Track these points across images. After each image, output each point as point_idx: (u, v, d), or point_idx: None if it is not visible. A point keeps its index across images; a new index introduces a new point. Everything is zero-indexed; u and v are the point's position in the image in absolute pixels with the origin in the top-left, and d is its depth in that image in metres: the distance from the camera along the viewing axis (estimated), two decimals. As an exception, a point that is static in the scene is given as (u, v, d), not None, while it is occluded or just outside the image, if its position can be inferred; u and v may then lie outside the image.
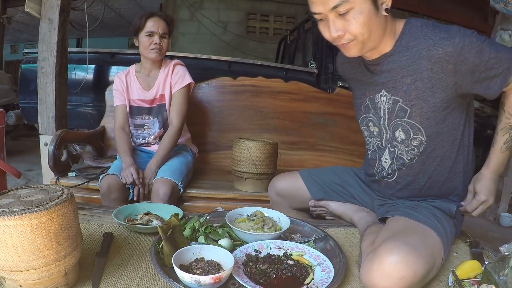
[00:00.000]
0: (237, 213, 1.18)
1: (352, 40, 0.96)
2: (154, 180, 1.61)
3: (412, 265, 0.83)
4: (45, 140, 1.99)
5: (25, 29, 8.60)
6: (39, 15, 1.95)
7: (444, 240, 0.99)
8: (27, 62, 3.04)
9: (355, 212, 1.32)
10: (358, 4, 0.90)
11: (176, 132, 1.77)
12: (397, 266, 0.83)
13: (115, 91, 1.85)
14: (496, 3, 2.32)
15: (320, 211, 1.44)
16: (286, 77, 3.15)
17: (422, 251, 0.87)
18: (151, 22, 1.73)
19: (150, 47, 1.74)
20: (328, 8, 0.92)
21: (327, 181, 1.39)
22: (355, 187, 1.36)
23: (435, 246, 0.95)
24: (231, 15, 6.60)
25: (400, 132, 1.09)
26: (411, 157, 1.10)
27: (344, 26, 0.94)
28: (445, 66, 0.96)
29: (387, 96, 1.08)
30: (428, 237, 0.95)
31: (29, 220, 0.71)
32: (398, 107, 1.06)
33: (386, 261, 0.84)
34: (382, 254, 0.85)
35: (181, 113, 1.81)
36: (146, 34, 1.73)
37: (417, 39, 0.99)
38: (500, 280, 0.87)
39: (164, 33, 1.76)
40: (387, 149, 1.15)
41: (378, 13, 0.94)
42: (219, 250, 0.92)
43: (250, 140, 1.76)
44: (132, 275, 0.91)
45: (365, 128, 1.22)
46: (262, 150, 1.73)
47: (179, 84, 1.81)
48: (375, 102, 1.13)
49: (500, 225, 2.73)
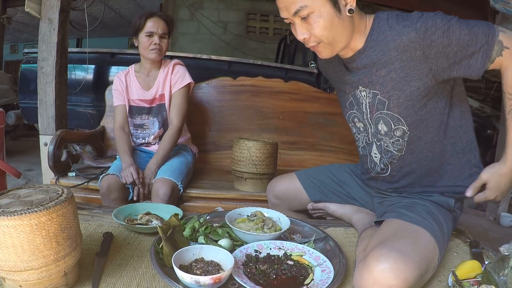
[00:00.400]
0: (237, 213, 1.18)
1: (319, 42, 1.00)
2: (154, 180, 1.61)
3: (400, 273, 0.81)
4: (45, 140, 1.99)
5: (25, 29, 8.60)
6: (39, 15, 1.95)
7: (439, 239, 0.97)
8: (27, 62, 3.04)
9: (354, 213, 1.32)
10: (318, 8, 0.94)
11: (176, 132, 1.77)
12: (385, 274, 0.81)
13: (115, 91, 1.85)
14: (496, 3, 2.32)
15: (319, 213, 1.44)
16: (286, 77, 3.15)
17: (413, 256, 0.85)
18: (150, 22, 1.72)
19: (150, 48, 1.74)
20: (291, 13, 0.96)
21: (325, 182, 1.39)
22: (353, 187, 1.35)
23: (428, 248, 0.93)
24: (231, 15, 6.60)
25: (382, 125, 1.09)
26: (399, 148, 1.10)
27: (308, 29, 0.98)
28: (413, 53, 0.96)
29: (366, 91, 1.09)
30: (421, 239, 0.93)
31: (29, 220, 0.71)
32: (377, 100, 1.07)
33: (375, 269, 0.82)
34: (370, 262, 0.84)
35: (181, 113, 1.81)
36: (146, 34, 1.72)
37: (384, 32, 0.99)
38: (500, 280, 0.87)
39: (164, 33, 1.75)
40: (374, 144, 1.16)
41: (341, 15, 0.96)
42: (219, 250, 0.92)
43: (250, 140, 1.76)
44: (131, 275, 0.91)
45: (352, 125, 1.23)
46: (262, 150, 1.73)
47: (178, 84, 1.81)
48: (357, 98, 1.13)
49: (500, 225, 2.73)
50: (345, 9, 0.96)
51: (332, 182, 1.38)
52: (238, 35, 6.59)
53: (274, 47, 5.06)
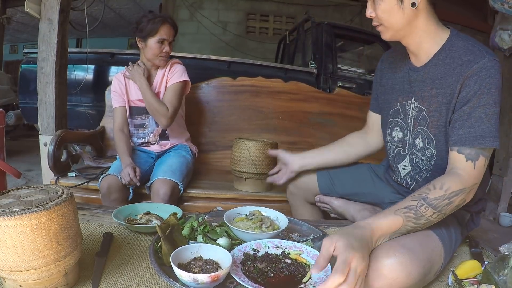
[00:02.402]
0: (235, 212, 1.19)
1: (380, 24, 1.06)
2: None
3: (405, 267, 0.84)
4: (45, 140, 1.99)
5: (24, 29, 8.60)
6: (39, 15, 1.95)
7: (446, 246, 0.98)
8: (27, 62, 3.04)
9: (358, 211, 1.33)
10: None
11: (165, 115, 1.72)
12: (392, 266, 0.83)
13: (113, 93, 1.85)
14: (495, 3, 2.32)
15: (324, 207, 1.45)
16: (286, 77, 3.15)
17: (419, 254, 0.88)
18: (164, 30, 1.73)
19: (160, 55, 1.75)
20: None
21: (339, 176, 1.40)
22: (368, 182, 1.37)
23: (435, 251, 0.94)
24: (231, 15, 6.60)
25: (419, 140, 1.11)
26: (426, 168, 1.11)
27: (374, 9, 1.05)
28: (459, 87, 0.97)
29: (415, 104, 1.11)
30: (429, 241, 0.94)
31: (29, 220, 0.71)
32: (421, 116, 1.09)
33: (382, 262, 0.84)
34: (379, 256, 0.86)
35: (172, 105, 1.75)
36: (158, 41, 1.73)
37: (452, 57, 1.00)
38: (500, 280, 0.88)
39: (172, 40, 1.78)
40: (407, 156, 1.17)
41: (403, 5, 1.00)
42: (217, 249, 0.92)
43: (250, 140, 1.77)
44: (132, 275, 0.91)
45: (388, 132, 1.23)
46: (261, 150, 1.73)
47: (173, 80, 1.81)
48: (406, 108, 1.15)
49: (500, 225, 2.73)
50: (409, 1, 1.00)
51: (349, 174, 1.40)
52: (237, 35, 6.60)
53: (273, 47, 5.06)
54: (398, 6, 1.01)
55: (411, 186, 1.17)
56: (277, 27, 6.61)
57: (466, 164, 0.93)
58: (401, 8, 1.01)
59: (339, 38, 3.68)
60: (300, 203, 1.48)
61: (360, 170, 1.42)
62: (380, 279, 0.84)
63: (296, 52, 4.13)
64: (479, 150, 0.93)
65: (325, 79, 3.41)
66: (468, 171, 0.92)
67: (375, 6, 1.04)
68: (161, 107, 1.72)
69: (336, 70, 3.49)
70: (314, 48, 3.52)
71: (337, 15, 6.46)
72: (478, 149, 0.93)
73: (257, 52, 6.38)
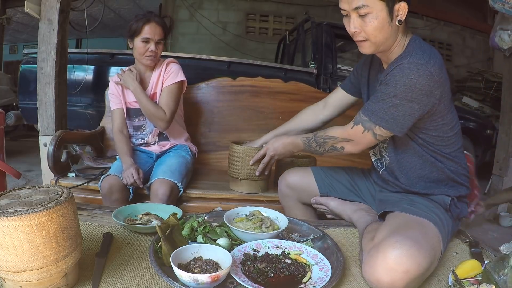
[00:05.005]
0: (235, 212, 1.19)
1: (366, 40, 1.10)
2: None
3: (415, 258, 0.85)
4: (45, 141, 1.99)
5: (24, 30, 8.60)
6: (39, 16, 1.95)
7: (442, 231, 1.03)
8: (27, 62, 3.04)
9: (354, 211, 1.33)
10: (376, 11, 1.04)
11: (163, 119, 1.72)
12: (401, 259, 0.84)
13: (111, 95, 1.84)
14: (495, 3, 2.32)
15: (321, 208, 1.45)
16: (286, 77, 3.15)
17: (424, 244, 0.90)
18: (148, 28, 1.70)
19: (146, 54, 1.73)
20: (351, 8, 1.06)
21: (336, 176, 1.44)
22: (362, 185, 1.41)
23: (435, 238, 0.98)
24: (231, 15, 6.60)
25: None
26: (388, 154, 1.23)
27: (361, 25, 1.07)
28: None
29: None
30: (428, 230, 0.99)
31: (29, 220, 0.71)
32: None
33: (390, 255, 0.85)
34: (385, 249, 0.87)
35: (169, 107, 1.75)
36: (142, 40, 1.71)
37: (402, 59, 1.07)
38: (500, 279, 0.88)
39: (160, 39, 1.74)
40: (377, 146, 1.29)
41: (392, 23, 1.06)
42: (217, 249, 0.92)
43: (241, 146, 1.69)
44: (132, 276, 0.91)
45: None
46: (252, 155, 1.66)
47: (169, 81, 1.79)
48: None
49: (500, 225, 2.73)
50: (396, 19, 1.07)
51: (344, 174, 1.44)
52: (237, 35, 6.60)
53: (273, 47, 5.06)
54: (388, 24, 1.06)
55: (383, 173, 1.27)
56: (277, 27, 6.61)
57: (350, 124, 1.17)
58: (390, 26, 1.06)
59: (339, 38, 3.67)
60: (293, 204, 1.48)
61: (353, 169, 1.49)
62: (390, 273, 0.84)
63: (296, 52, 4.13)
64: (364, 120, 1.11)
65: (325, 79, 3.41)
66: (347, 128, 1.18)
67: (362, 23, 1.06)
68: (158, 111, 1.72)
69: (336, 70, 3.49)
70: (314, 48, 3.52)
71: (337, 15, 6.41)
72: (363, 118, 1.11)
73: (256, 52, 6.38)
